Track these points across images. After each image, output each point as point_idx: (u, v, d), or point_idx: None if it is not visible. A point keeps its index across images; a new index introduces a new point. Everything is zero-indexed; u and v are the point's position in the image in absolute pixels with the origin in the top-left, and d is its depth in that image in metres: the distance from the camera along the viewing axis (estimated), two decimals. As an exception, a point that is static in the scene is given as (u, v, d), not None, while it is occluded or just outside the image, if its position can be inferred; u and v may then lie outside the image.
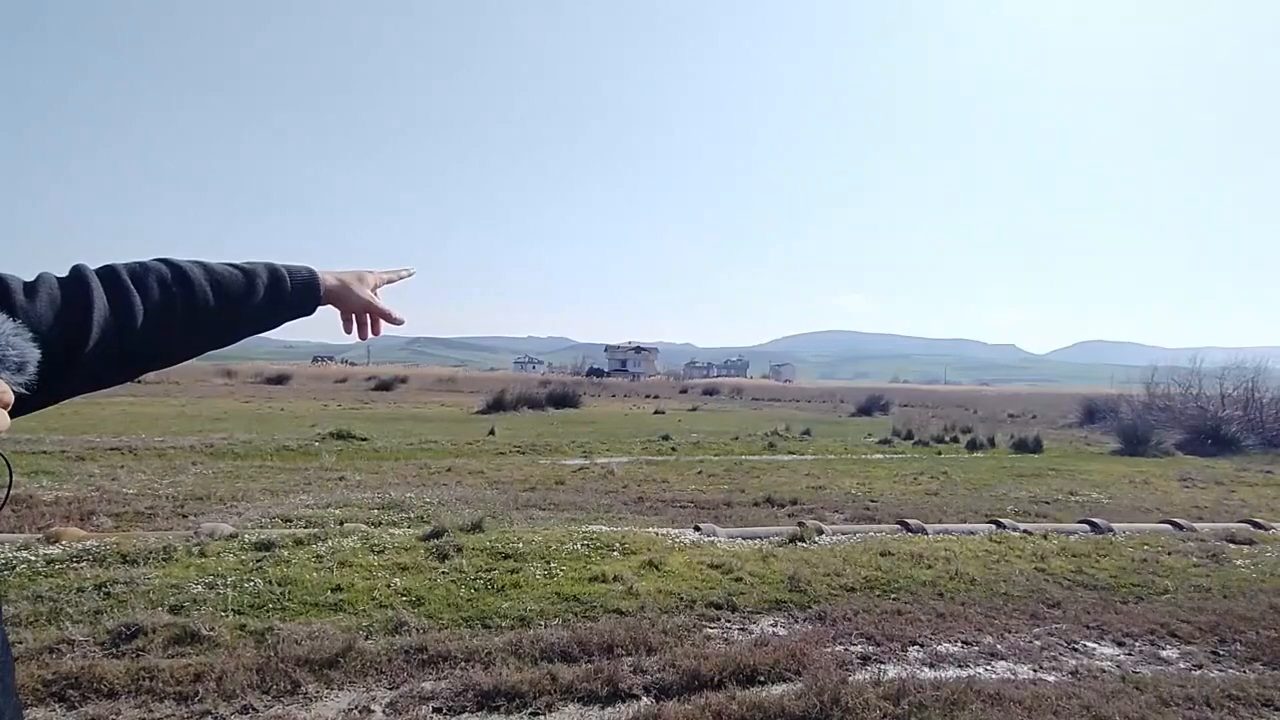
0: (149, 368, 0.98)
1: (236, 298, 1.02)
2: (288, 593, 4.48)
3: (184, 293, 0.97)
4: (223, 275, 1.03)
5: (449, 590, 4.71)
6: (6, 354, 0.72)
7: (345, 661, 3.57)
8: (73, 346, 0.85)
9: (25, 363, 0.75)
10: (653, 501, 8.83)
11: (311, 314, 1.14)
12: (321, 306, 1.15)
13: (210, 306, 0.99)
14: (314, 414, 20.79)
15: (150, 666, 3.37)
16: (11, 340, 0.74)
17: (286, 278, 1.10)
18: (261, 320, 1.07)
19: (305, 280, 1.12)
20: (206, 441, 12.64)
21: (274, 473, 9.88)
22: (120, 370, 0.93)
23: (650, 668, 3.67)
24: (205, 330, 1.00)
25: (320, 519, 6.65)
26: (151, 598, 4.27)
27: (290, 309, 1.10)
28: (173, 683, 3.25)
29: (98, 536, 5.63)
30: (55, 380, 0.83)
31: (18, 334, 0.75)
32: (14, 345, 0.74)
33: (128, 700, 3.13)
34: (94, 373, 0.89)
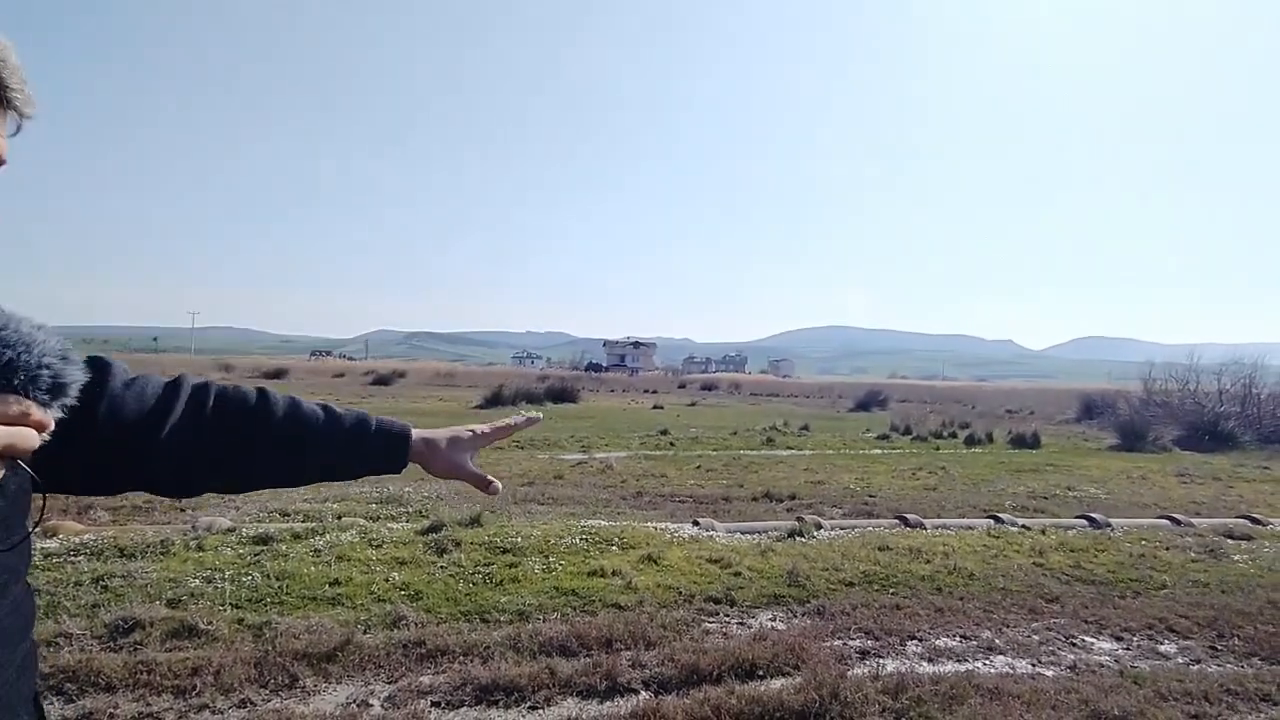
0: (207, 488, 1.00)
1: (310, 436, 1.02)
2: (286, 587, 4.47)
3: (259, 422, 0.99)
4: (305, 413, 1.03)
5: (447, 584, 4.70)
6: (39, 374, 0.69)
7: (343, 655, 3.56)
8: (141, 443, 0.90)
9: (65, 384, 0.72)
10: (651, 496, 8.83)
11: (399, 471, 1.10)
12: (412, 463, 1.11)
13: (283, 438, 1.00)
14: (312, 408, 20.77)
15: (148, 660, 3.36)
16: (46, 361, 0.70)
17: (371, 427, 1.07)
18: (338, 467, 1.05)
19: (392, 433, 1.08)
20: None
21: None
22: (180, 484, 0.96)
23: (649, 662, 3.67)
24: (272, 461, 1.00)
25: (318, 513, 6.64)
26: (149, 591, 4.26)
27: (372, 461, 1.07)
28: (170, 676, 3.24)
29: (95, 530, 5.62)
30: (118, 469, 0.89)
31: (63, 355, 0.72)
32: (49, 366, 0.70)
33: (125, 693, 3.12)
34: (154, 477, 0.93)
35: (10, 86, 0.75)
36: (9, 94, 0.76)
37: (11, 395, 0.65)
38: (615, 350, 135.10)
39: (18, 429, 0.65)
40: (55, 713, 2.95)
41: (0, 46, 0.76)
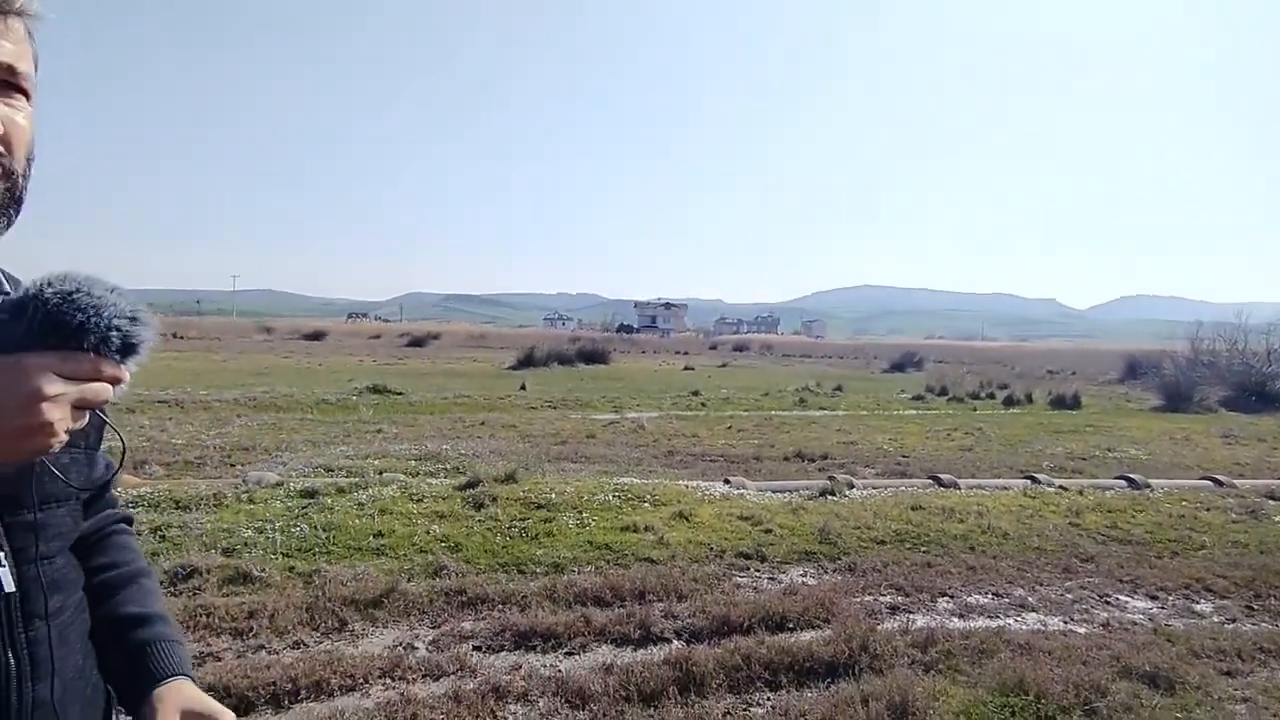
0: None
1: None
2: (332, 537, 4.66)
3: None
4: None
5: (485, 537, 4.85)
6: (109, 336, 0.71)
7: (389, 602, 3.72)
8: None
9: (134, 344, 0.74)
10: (683, 456, 8.92)
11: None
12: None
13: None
14: (351, 369, 21.20)
15: (207, 604, 3.55)
16: (116, 323, 0.72)
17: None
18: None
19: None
20: (249, 395, 12.99)
21: (315, 425, 10.15)
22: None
23: (681, 613, 3.76)
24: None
25: (360, 469, 6.85)
26: (205, 541, 4.47)
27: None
28: (228, 619, 3.43)
29: (151, 484, 5.88)
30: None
31: (132, 317, 0.74)
32: (119, 328, 0.72)
33: (187, 635, 3.31)
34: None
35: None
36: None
37: (84, 355, 0.69)
38: (646, 312, 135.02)
39: (91, 384, 0.69)
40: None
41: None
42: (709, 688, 3.04)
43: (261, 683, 2.83)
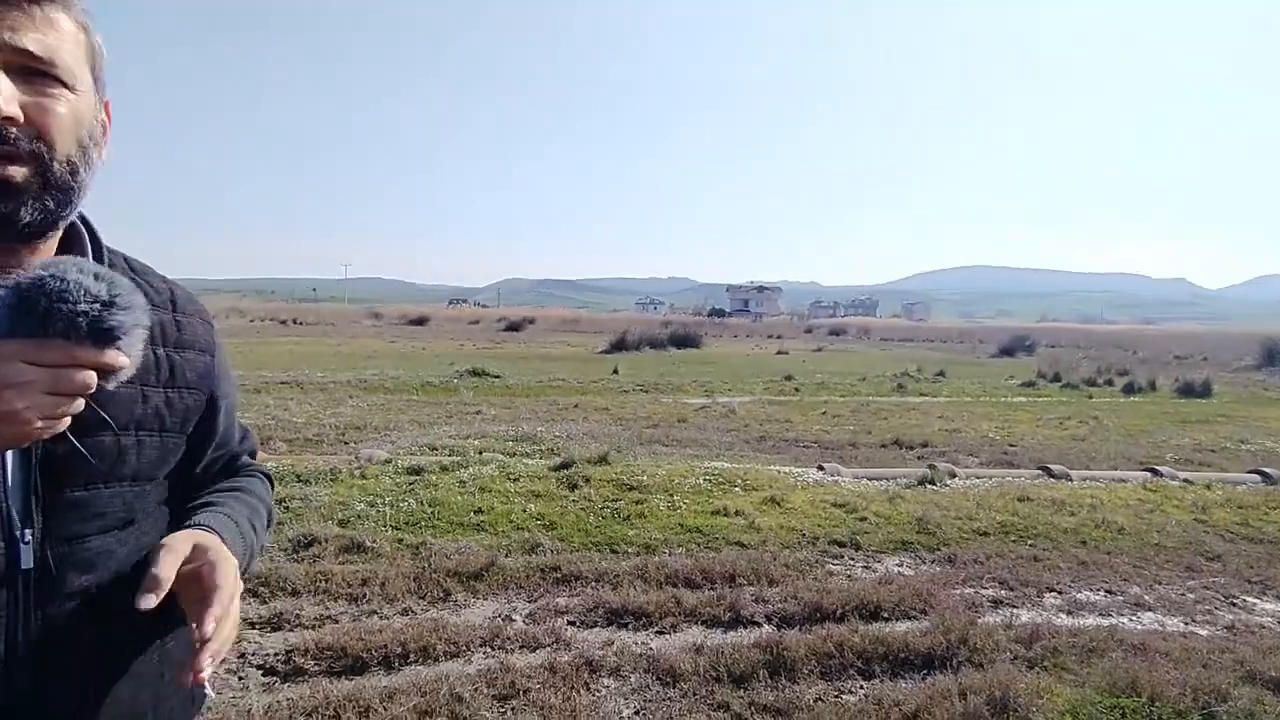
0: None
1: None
2: (437, 513, 4.91)
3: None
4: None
5: (579, 517, 4.99)
6: (77, 320, 0.66)
7: (489, 575, 3.90)
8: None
9: (109, 328, 0.68)
10: (775, 441, 8.84)
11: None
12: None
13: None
14: (452, 353, 22.08)
15: (325, 571, 3.82)
16: (82, 308, 0.66)
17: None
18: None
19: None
20: (361, 377, 13.77)
21: (420, 406, 10.66)
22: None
23: (772, 598, 3.76)
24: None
25: (461, 448, 7.16)
26: (323, 513, 4.81)
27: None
28: (344, 585, 3.68)
29: (276, 459, 6.34)
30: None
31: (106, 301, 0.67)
32: (87, 312, 0.66)
33: (308, 598, 3.58)
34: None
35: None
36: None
37: (53, 341, 0.65)
38: (739, 295, 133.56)
39: (64, 371, 0.65)
40: (252, 612, 3.43)
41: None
42: (800, 673, 3.03)
43: (374, 645, 3.04)
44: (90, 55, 0.80)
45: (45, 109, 0.74)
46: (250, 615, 3.37)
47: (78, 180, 0.78)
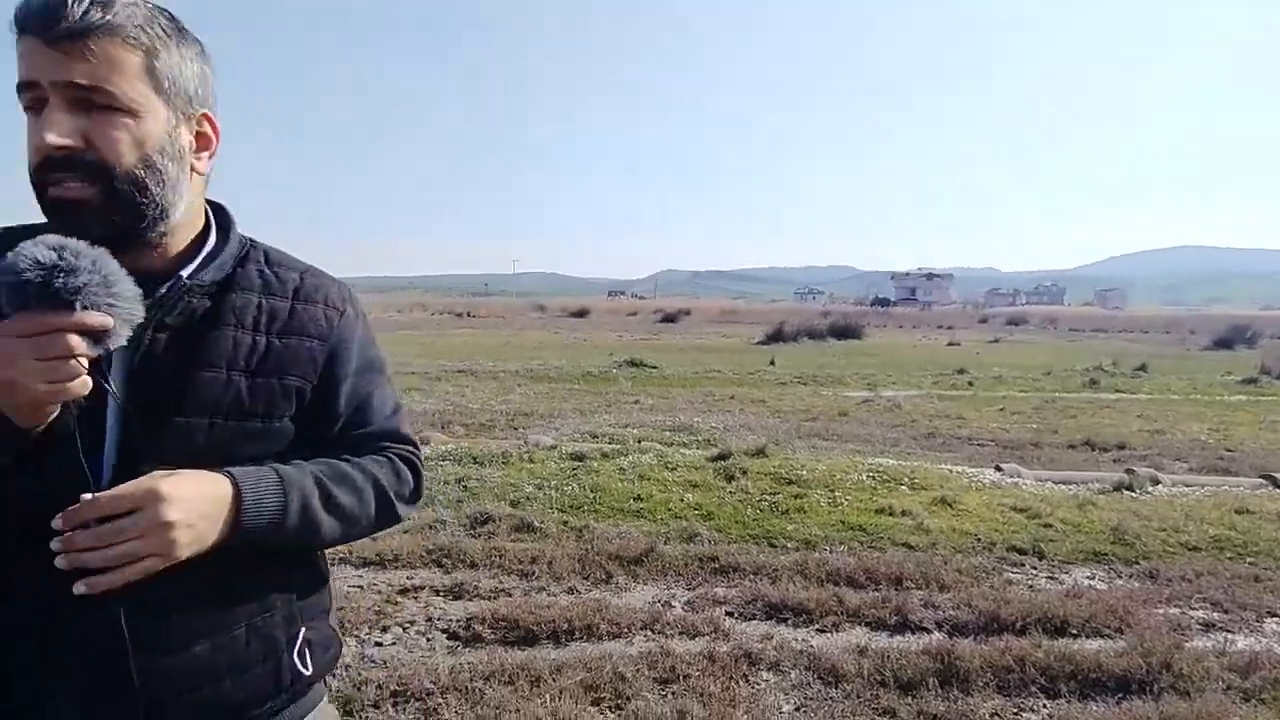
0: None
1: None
2: (598, 498, 5.10)
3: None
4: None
5: (736, 509, 4.98)
6: (25, 288, 0.70)
7: (648, 561, 3.99)
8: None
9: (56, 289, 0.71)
10: (945, 438, 8.35)
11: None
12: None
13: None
14: (611, 344, 22.77)
15: (499, 547, 4.09)
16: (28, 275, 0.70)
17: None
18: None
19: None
20: (527, 367, 14.56)
21: (581, 395, 11.10)
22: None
23: (943, 604, 3.57)
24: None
25: (621, 437, 7.37)
26: (496, 493, 5.14)
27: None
28: (516, 562, 3.93)
29: (455, 442, 6.87)
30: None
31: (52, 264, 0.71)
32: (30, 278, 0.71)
33: (484, 571, 3.85)
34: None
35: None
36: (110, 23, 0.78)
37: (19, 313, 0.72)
38: (905, 283, 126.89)
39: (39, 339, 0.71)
40: (436, 581, 3.74)
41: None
42: (974, 685, 2.86)
43: (543, 620, 3.21)
44: (154, 76, 0.83)
45: (103, 134, 0.81)
46: (435, 584, 3.68)
47: (147, 195, 0.84)
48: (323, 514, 0.92)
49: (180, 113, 0.87)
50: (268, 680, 0.94)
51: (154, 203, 0.85)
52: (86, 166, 0.80)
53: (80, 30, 0.78)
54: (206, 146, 0.93)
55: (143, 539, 0.76)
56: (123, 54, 0.81)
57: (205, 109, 0.91)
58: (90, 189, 0.81)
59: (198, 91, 0.89)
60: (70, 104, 0.80)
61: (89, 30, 0.78)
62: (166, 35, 0.85)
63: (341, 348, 1.00)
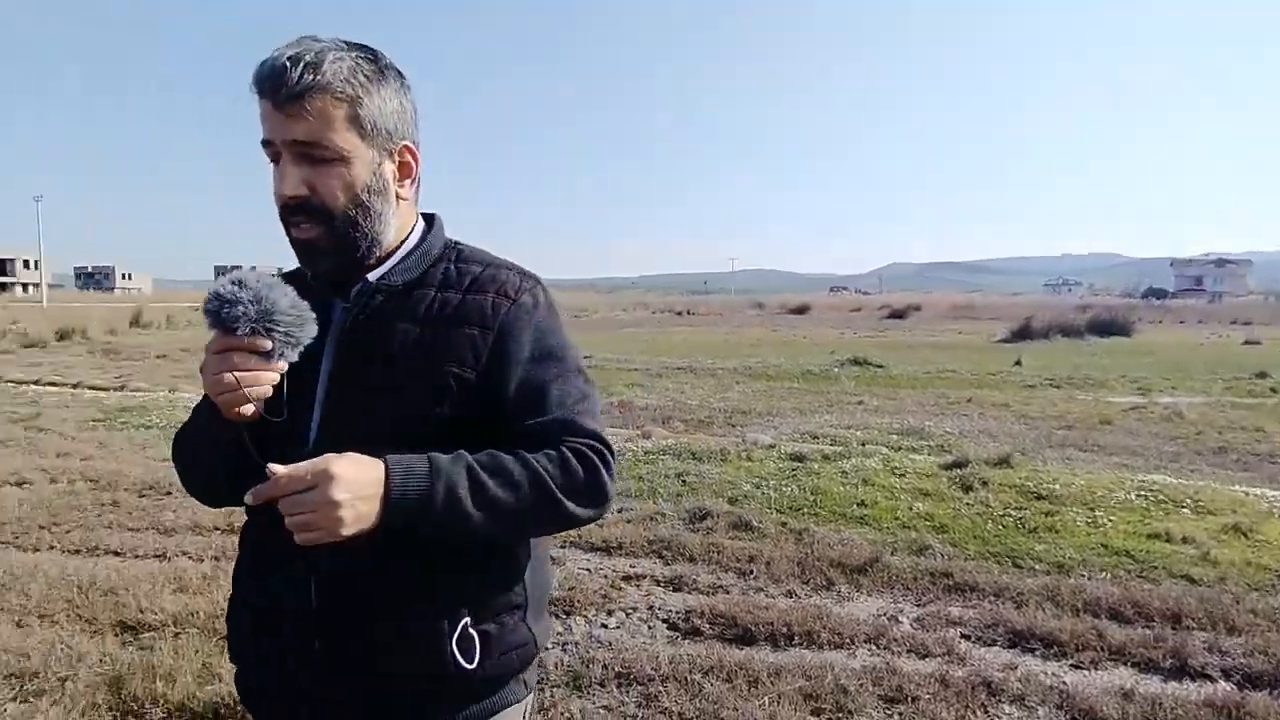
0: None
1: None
2: (819, 501, 4.96)
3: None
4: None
5: (974, 522, 4.59)
6: (207, 317, 0.89)
7: (873, 571, 3.81)
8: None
9: (223, 319, 0.88)
10: (1241, 455, 7.03)
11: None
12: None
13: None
14: (832, 341, 22.04)
15: (717, 543, 4.14)
16: (208, 306, 0.89)
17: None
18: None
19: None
20: (745, 365, 14.56)
21: (800, 394, 10.87)
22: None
23: (1232, 649, 3.01)
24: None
25: (843, 438, 7.11)
26: (714, 489, 5.21)
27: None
28: (734, 559, 3.95)
29: (674, 437, 7.06)
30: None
31: (216, 292, 0.89)
32: (208, 308, 0.89)
33: (703, 565, 3.92)
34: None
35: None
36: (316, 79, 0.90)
37: (218, 335, 0.91)
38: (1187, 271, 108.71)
39: (220, 355, 0.91)
40: (657, 571, 3.87)
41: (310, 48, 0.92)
42: (1280, 754, 2.37)
43: (762, 621, 3.19)
44: (359, 123, 0.95)
45: (323, 182, 0.94)
46: (656, 574, 3.81)
47: (359, 230, 0.98)
48: (469, 504, 0.90)
49: (382, 150, 0.98)
50: (427, 665, 0.98)
51: (365, 235, 0.99)
52: (313, 211, 0.95)
53: (298, 93, 0.90)
54: (408, 174, 1.03)
55: (314, 513, 0.83)
56: (332, 109, 0.93)
57: (405, 140, 1.01)
58: (318, 229, 0.96)
59: (397, 126, 0.99)
60: (297, 158, 0.94)
61: (304, 92, 0.90)
62: (368, 81, 0.95)
63: (510, 335, 1.01)
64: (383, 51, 1.00)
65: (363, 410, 0.98)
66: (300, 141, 0.93)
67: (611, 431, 7.24)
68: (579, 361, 1.07)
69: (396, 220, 1.03)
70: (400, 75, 1.01)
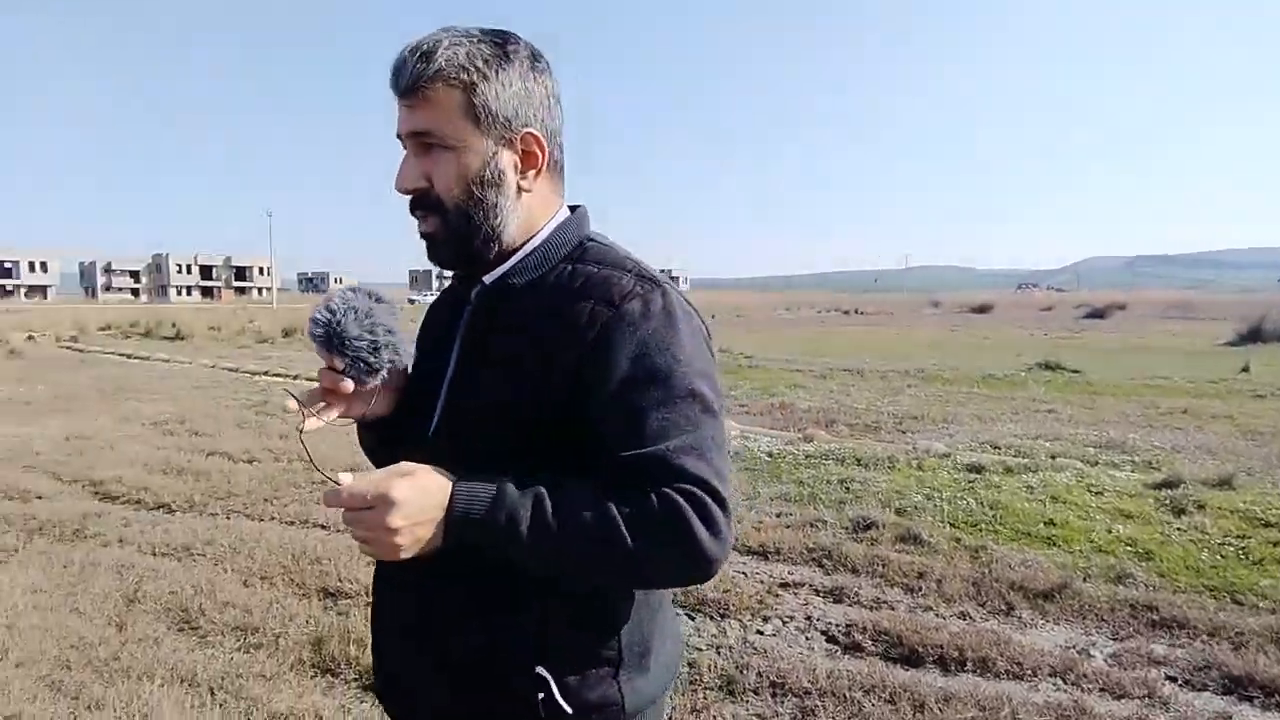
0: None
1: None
2: (999, 517, 4.59)
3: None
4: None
5: (1186, 550, 4.05)
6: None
7: (1061, 598, 3.47)
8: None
9: (312, 339, 0.94)
10: None
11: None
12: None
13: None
14: (1019, 343, 20.29)
15: (882, 556, 3.95)
16: (310, 327, 0.94)
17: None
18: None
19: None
20: (918, 367, 13.76)
21: (980, 399, 10.11)
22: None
23: None
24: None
25: (1029, 450, 6.53)
26: (880, 498, 4.97)
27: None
28: (900, 574, 3.75)
29: (838, 441, 6.82)
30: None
31: (314, 316, 0.94)
32: (309, 332, 0.94)
33: (866, 578, 3.76)
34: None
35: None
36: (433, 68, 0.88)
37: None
38: None
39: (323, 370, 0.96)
40: (817, 580, 3.76)
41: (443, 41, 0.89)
42: None
43: (930, 642, 3.01)
44: (472, 110, 0.90)
45: (438, 173, 0.92)
46: (815, 583, 3.71)
47: (473, 224, 0.93)
48: (528, 540, 0.81)
49: (499, 139, 0.92)
50: (488, 702, 0.92)
51: (479, 229, 0.93)
52: (430, 204, 0.93)
53: (413, 84, 0.89)
54: (533, 165, 0.95)
55: (370, 534, 0.80)
56: (445, 96, 0.89)
57: (529, 128, 0.93)
58: (435, 222, 0.94)
59: (518, 112, 0.92)
60: (416, 150, 0.93)
61: (419, 82, 0.88)
62: (485, 66, 0.89)
63: (605, 349, 0.87)
64: (520, 36, 0.95)
65: (472, 415, 0.94)
66: (416, 132, 0.91)
67: (770, 434, 7.17)
68: (695, 384, 0.87)
69: (520, 214, 0.95)
70: (534, 58, 0.94)
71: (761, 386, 10.97)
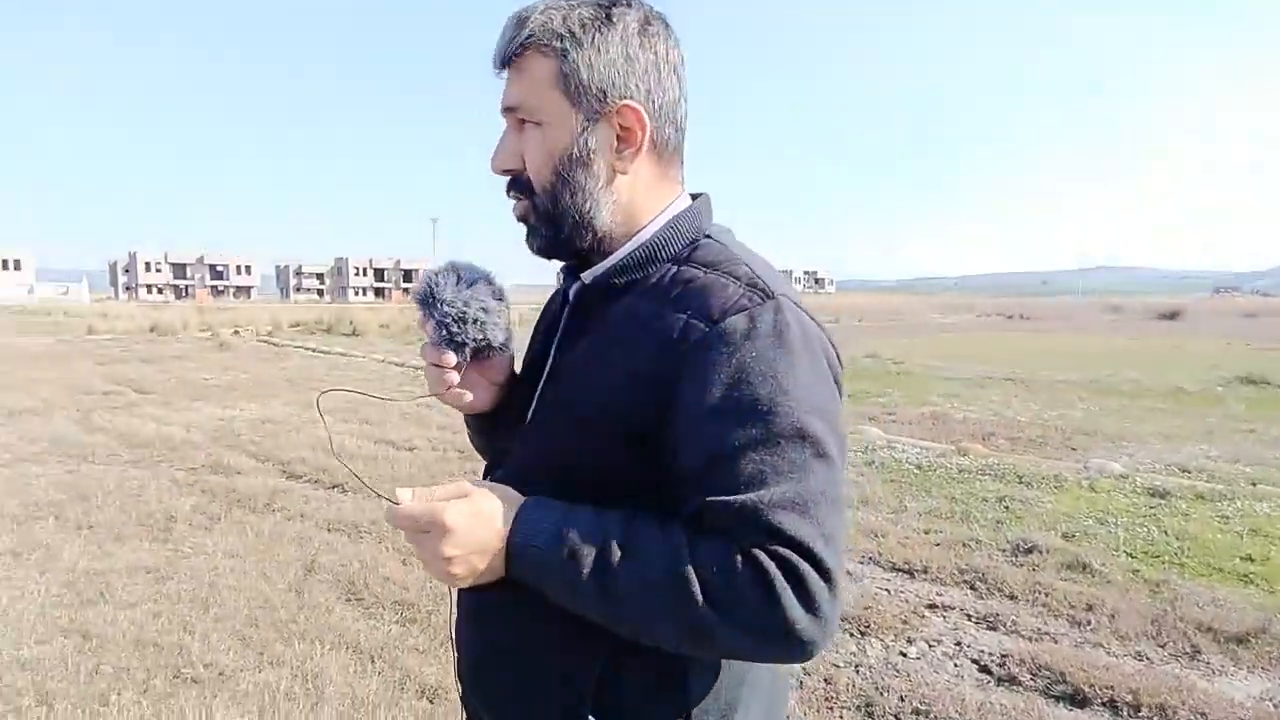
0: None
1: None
2: (1185, 549, 4.10)
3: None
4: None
5: None
6: (452, 328, 0.87)
7: (1257, 642, 3.05)
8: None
9: (423, 318, 0.89)
10: None
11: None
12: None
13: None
14: (1215, 354, 18.01)
15: (1045, 583, 3.64)
16: (454, 323, 0.87)
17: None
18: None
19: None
20: (1092, 377, 12.55)
21: (1166, 416, 9.08)
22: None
23: None
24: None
25: (1225, 475, 5.78)
26: (1044, 520, 4.58)
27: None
28: (1065, 604, 3.43)
29: (997, 456, 6.36)
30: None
31: (422, 300, 0.89)
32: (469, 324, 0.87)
33: (1025, 606, 3.47)
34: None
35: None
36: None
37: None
38: None
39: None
40: (968, 604, 3.52)
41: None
42: None
43: (1099, 683, 2.73)
44: (564, 80, 0.79)
45: (529, 151, 0.83)
46: (966, 607, 3.48)
47: (560, 206, 0.82)
48: (585, 586, 0.72)
49: (591, 113, 0.80)
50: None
51: (567, 214, 0.82)
52: (522, 184, 0.85)
53: (509, 56, 0.81)
54: (631, 142, 0.82)
55: (426, 558, 0.75)
56: (538, 66, 0.80)
57: (627, 99, 0.80)
58: (526, 206, 0.85)
59: (615, 82, 0.80)
60: (514, 127, 0.84)
61: (514, 52, 0.81)
62: (581, 31, 0.79)
63: (693, 373, 0.74)
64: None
65: (560, 418, 0.84)
66: (509, 108, 0.83)
67: (920, 444, 6.79)
68: (805, 422, 0.72)
69: (616, 200, 0.83)
70: (646, 21, 0.82)
71: (912, 395, 10.43)
